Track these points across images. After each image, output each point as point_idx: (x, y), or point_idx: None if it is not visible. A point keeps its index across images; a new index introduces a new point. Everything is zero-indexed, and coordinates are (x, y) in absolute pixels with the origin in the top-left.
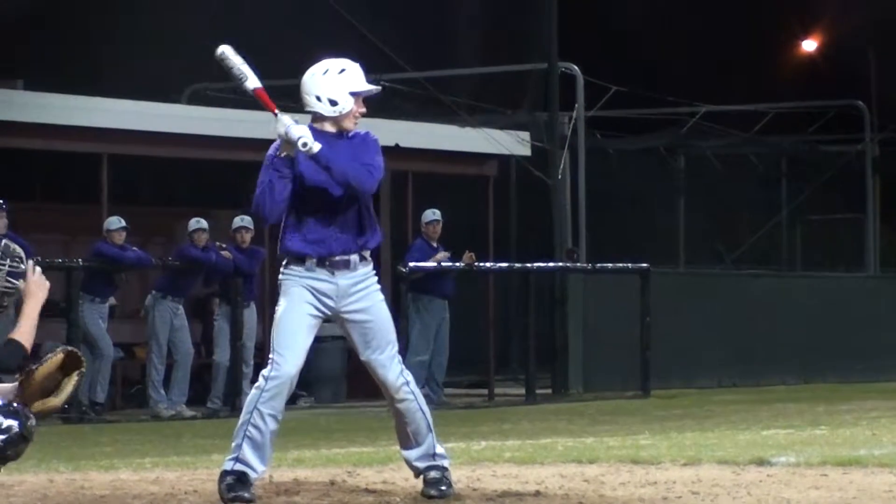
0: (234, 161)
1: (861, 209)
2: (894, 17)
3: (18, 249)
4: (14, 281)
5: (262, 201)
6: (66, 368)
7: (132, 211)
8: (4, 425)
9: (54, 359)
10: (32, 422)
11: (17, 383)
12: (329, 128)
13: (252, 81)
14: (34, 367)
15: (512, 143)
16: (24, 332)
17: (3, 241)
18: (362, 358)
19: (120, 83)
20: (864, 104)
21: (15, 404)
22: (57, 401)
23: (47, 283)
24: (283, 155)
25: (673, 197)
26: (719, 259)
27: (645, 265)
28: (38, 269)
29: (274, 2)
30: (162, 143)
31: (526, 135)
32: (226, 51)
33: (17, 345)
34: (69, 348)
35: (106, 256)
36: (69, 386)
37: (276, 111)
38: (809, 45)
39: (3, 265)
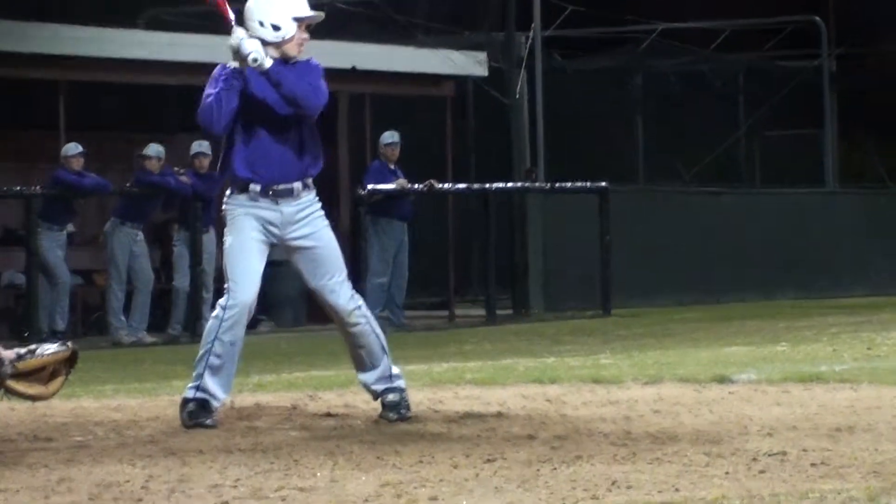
0: (191, 86)
1: (819, 125)
2: None
3: None
4: None
5: (209, 111)
6: (64, 363)
7: (90, 137)
8: None
9: (62, 353)
10: (8, 369)
11: (15, 353)
12: (273, 53)
13: None
14: (35, 350)
15: (469, 63)
16: None
17: None
18: (311, 285)
19: (76, 8)
20: (821, 20)
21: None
22: (45, 391)
23: (10, 358)
24: (233, 66)
25: (631, 116)
26: (678, 177)
27: (603, 184)
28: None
29: None
30: (119, 68)
31: (483, 55)
32: None
33: None
34: (75, 348)
35: (64, 183)
36: (58, 382)
37: (233, 22)
38: None
39: None
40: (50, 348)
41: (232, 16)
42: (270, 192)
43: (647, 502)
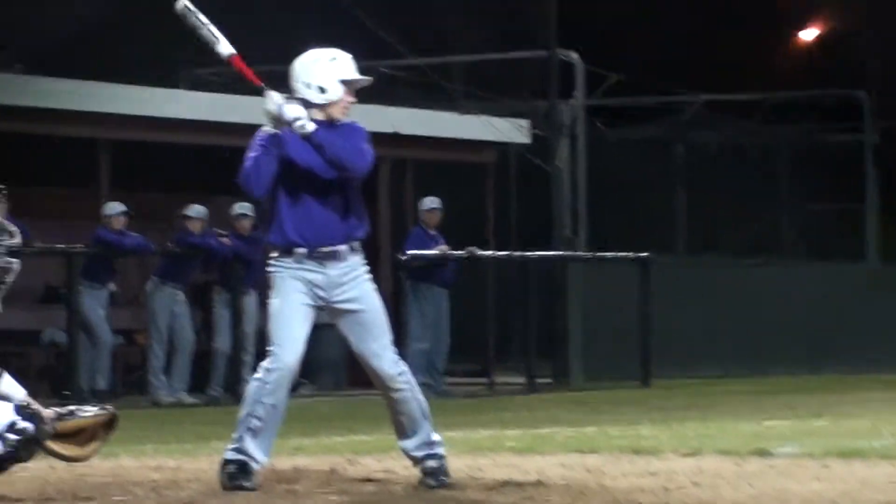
0: (233, 147)
1: (861, 199)
2: (892, 5)
3: (14, 228)
4: (11, 259)
5: (248, 175)
6: (104, 425)
7: (131, 197)
8: (20, 426)
9: (101, 417)
10: (49, 428)
11: (55, 413)
12: (317, 115)
13: (225, 47)
14: (75, 412)
15: (511, 130)
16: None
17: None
18: (355, 349)
19: (119, 68)
20: (864, 93)
21: (33, 407)
22: (82, 453)
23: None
24: (269, 131)
25: (673, 186)
26: (720, 248)
27: (645, 254)
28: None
29: None
30: (161, 128)
31: (525, 122)
32: (187, 5)
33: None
34: (115, 412)
35: (105, 242)
36: (95, 446)
37: (264, 86)
38: (808, 35)
39: (8, 237)
40: (90, 411)
41: (259, 81)
42: (316, 255)
43: None
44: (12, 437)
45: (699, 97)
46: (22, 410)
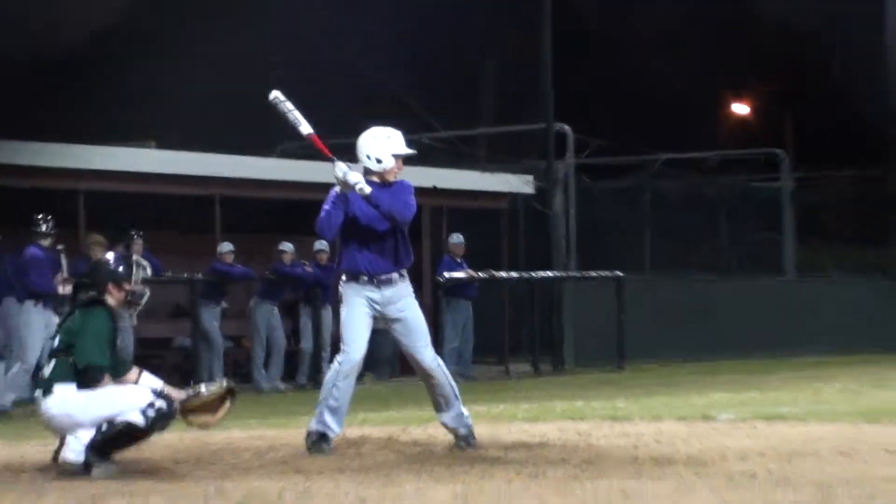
0: (313, 200)
1: (780, 230)
2: (804, 86)
3: (146, 263)
4: (145, 287)
5: (322, 223)
6: (224, 397)
7: (239, 237)
8: (157, 405)
9: (221, 387)
10: (176, 405)
11: (185, 394)
12: (375, 179)
13: (305, 127)
14: (202, 390)
15: (520, 184)
16: (171, 392)
17: (134, 256)
18: (403, 348)
19: (229, 140)
20: (782, 151)
21: (166, 391)
22: (212, 419)
23: (181, 398)
24: (339, 192)
25: (642, 224)
26: (677, 268)
27: (620, 273)
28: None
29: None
30: (260, 187)
31: (530, 178)
32: (278, 95)
33: (103, 375)
34: (231, 385)
35: (219, 272)
36: (224, 410)
37: (334, 157)
38: (741, 109)
39: (141, 270)
40: (211, 387)
41: (330, 153)
42: (375, 281)
43: None
44: (151, 412)
45: (661, 156)
46: (158, 394)
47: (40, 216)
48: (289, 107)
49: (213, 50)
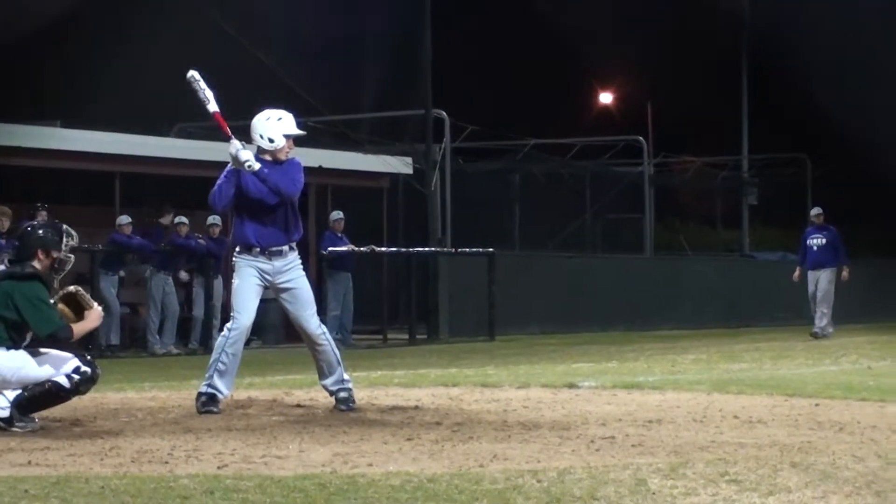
0: (207, 177)
1: (641, 211)
2: (664, 80)
3: (74, 232)
4: (70, 255)
5: (214, 196)
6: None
7: (136, 211)
8: (83, 369)
9: (68, 290)
10: (99, 371)
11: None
12: (268, 157)
13: (213, 105)
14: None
15: (399, 165)
16: (76, 328)
17: (64, 225)
18: (290, 316)
19: (129, 121)
20: (643, 138)
21: (89, 357)
22: (94, 312)
23: (101, 317)
24: (232, 167)
25: (512, 203)
26: (544, 246)
27: (491, 250)
28: (100, 308)
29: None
30: (158, 164)
31: (409, 160)
32: (194, 74)
33: (69, 330)
34: (70, 289)
35: (117, 243)
36: (87, 301)
37: (231, 135)
38: (605, 98)
39: (69, 239)
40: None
41: (229, 131)
42: (267, 252)
43: (518, 470)
44: (76, 376)
45: (530, 141)
46: (84, 360)
47: None
48: (202, 85)
49: (121, 35)
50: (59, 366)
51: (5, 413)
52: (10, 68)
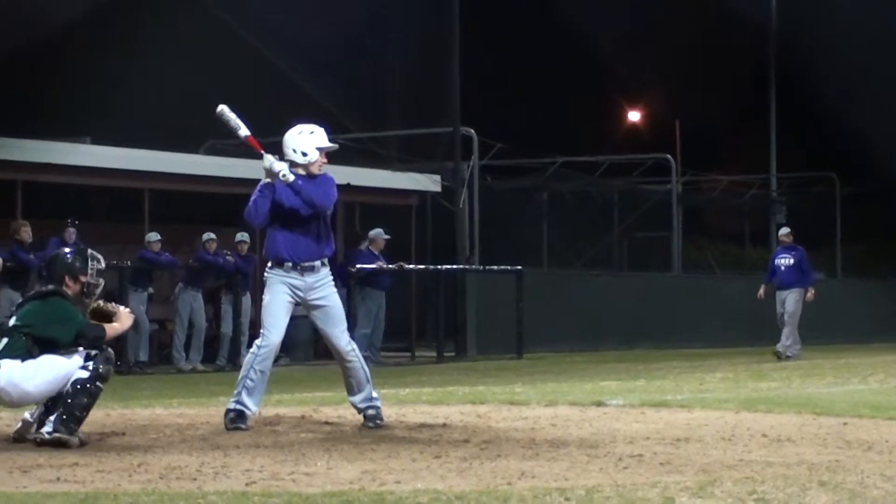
0: (236, 194)
1: (669, 229)
2: (693, 98)
3: (99, 256)
4: (100, 279)
5: (250, 211)
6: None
7: (165, 228)
8: (93, 354)
9: (91, 307)
10: (111, 350)
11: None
12: (301, 171)
13: (244, 131)
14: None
15: (428, 182)
16: (109, 329)
17: (88, 250)
18: (321, 332)
19: (158, 139)
20: (671, 156)
21: (110, 350)
22: (122, 314)
23: (131, 321)
24: (266, 181)
25: (539, 221)
26: (571, 264)
27: (519, 267)
28: (126, 310)
29: (263, 86)
30: (187, 181)
31: (437, 177)
32: (224, 109)
33: (102, 328)
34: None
35: (146, 260)
36: (111, 308)
37: (263, 152)
38: (634, 116)
39: (95, 263)
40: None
41: (262, 150)
42: (299, 268)
43: (546, 488)
44: (91, 363)
45: (558, 159)
46: (87, 355)
47: None
48: (231, 116)
49: (151, 51)
50: (70, 364)
51: (49, 427)
52: (41, 85)
